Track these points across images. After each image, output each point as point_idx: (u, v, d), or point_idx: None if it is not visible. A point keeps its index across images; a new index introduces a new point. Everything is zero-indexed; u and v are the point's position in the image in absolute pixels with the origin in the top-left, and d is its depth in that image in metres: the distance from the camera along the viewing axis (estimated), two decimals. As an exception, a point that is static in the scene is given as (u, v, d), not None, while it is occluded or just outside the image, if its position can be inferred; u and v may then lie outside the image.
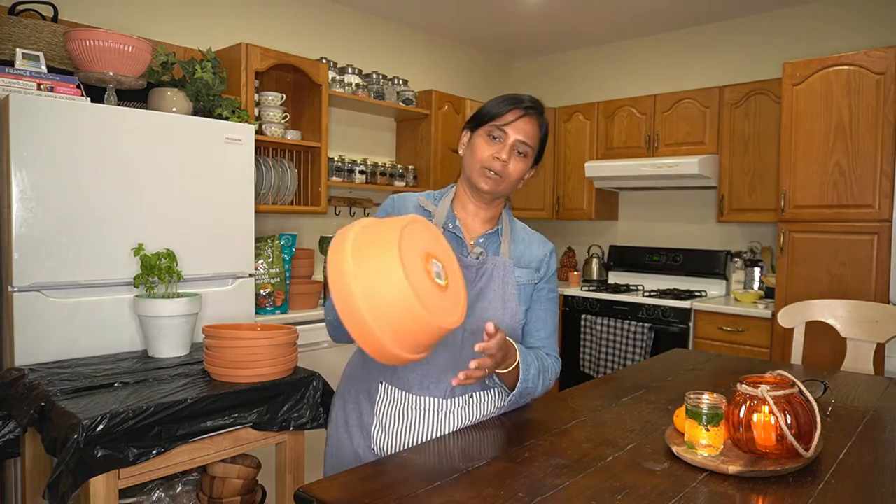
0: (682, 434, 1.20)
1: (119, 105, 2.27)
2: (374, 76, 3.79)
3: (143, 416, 1.46)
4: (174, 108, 2.43)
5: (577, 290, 4.09)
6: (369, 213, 3.93)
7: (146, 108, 2.39)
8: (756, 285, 3.71)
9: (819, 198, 3.10)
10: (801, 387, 1.16)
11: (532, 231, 1.52)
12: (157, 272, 2.05)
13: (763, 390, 1.12)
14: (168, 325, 1.97)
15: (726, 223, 3.95)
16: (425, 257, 1.08)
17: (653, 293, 3.86)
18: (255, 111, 3.07)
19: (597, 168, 4.07)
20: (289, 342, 1.79)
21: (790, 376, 1.18)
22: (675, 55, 4.28)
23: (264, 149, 3.20)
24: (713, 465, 1.10)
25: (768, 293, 3.58)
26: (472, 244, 1.40)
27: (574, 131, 4.41)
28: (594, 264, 4.53)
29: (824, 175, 3.08)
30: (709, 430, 1.14)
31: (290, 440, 1.80)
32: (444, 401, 1.33)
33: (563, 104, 4.68)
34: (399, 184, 3.90)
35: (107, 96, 2.27)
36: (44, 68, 2.12)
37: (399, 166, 3.91)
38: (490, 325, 1.16)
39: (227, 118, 2.54)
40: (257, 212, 2.96)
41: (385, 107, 3.79)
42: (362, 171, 3.69)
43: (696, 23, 4.12)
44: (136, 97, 2.48)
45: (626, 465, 1.14)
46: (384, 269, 0.99)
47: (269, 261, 2.89)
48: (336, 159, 3.60)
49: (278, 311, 2.93)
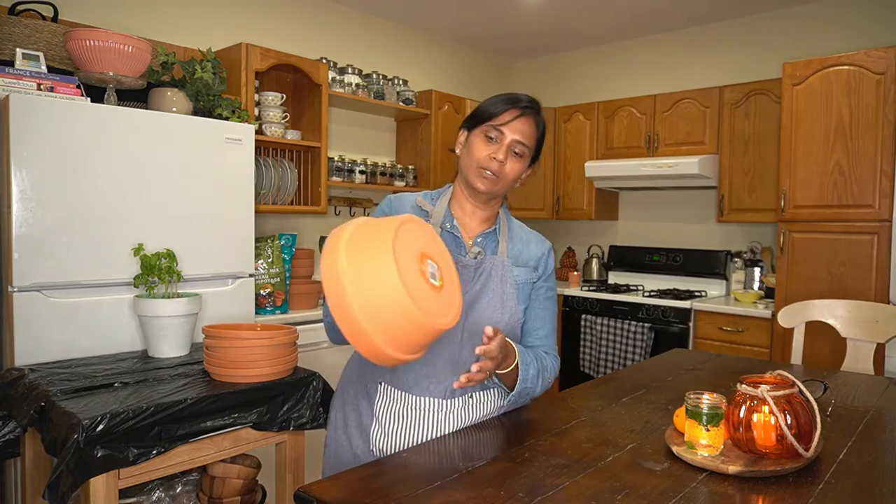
0: (682, 434, 1.21)
1: (119, 105, 2.27)
2: (374, 76, 3.79)
3: (143, 416, 1.46)
4: (174, 108, 2.43)
5: (577, 290, 4.09)
6: (369, 213, 3.92)
7: (146, 108, 2.39)
8: (756, 285, 3.71)
9: (819, 198, 3.10)
10: (801, 387, 1.16)
11: (529, 230, 1.52)
12: (157, 272, 2.05)
13: (763, 390, 1.12)
14: (168, 325, 1.97)
15: (726, 223, 3.95)
16: (420, 257, 1.08)
17: (653, 293, 3.86)
18: (255, 111, 3.07)
19: (597, 168, 4.07)
20: (289, 342, 1.79)
21: (790, 376, 1.18)
22: (675, 55, 4.28)
23: (264, 149, 3.20)
24: (713, 465, 1.10)
25: (768, 293, 3.58)
26: (469, 244, 1.40)
27: (574, 131, 4.41)
28: (594, 264, 4.53)
29: (824, 175, 3.08)
30: (709, 430, 1.14)
31: (290, 440, 1.80)
32: (443, 401, 1.33)
33: (562, 104, 4.68)
34: (399, 184, 3.90)
35: (107, 96, 2.27)
36: (44, 68, 2.12)
37: (399, 166, 3.91)
38: (489, 328, 1.16)
39: (227, 118, 2.54)
40: (257, 212, 2.96)
41: (385, 107, 3.79)
42: (362, 171, 3.69)
43: (696, 23, 4.12)
44: (136, 97, 2.47)
45: (626, 465, 1.14)
46: (378, 269, 0.99)
47: (269, 261, 2.89)
48: (336, 159, 3.60)
49: (278, 311, 2.93)
